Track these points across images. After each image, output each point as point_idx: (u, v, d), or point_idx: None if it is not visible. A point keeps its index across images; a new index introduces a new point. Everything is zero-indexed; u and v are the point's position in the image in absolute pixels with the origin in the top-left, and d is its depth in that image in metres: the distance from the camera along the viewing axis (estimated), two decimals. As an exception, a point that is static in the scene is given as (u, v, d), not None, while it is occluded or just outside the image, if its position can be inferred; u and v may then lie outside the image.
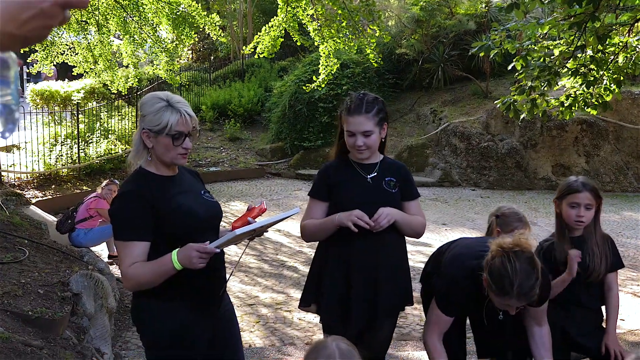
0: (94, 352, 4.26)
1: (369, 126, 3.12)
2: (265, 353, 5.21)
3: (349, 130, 3.14)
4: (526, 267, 2.66)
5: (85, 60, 11.76)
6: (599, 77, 6.07)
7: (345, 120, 3.18)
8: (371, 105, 3.15)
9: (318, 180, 3.31)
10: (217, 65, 22.86)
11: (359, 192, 3.17)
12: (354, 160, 3.25)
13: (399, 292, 3.28)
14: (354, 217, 3.01)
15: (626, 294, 7.13)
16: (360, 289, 3.17)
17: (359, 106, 3.12)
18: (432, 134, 15.14)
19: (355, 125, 3.11)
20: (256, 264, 8.20)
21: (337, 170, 3.26)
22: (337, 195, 3.20)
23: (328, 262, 3.26)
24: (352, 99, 3.20)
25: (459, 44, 16.07)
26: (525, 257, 2.68)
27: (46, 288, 4.54)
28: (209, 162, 15.39)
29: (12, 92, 1.10)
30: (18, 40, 1.07)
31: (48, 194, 11.14)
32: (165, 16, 11.19)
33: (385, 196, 3.18)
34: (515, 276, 2.64)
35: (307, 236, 3.30)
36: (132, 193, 2.57)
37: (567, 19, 5.43)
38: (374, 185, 3.20)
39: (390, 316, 3.31)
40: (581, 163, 14.15)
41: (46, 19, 1.07)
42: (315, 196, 3.28)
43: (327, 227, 3.15)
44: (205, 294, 2.68)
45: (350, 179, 3.21)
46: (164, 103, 2.56)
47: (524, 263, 2.66)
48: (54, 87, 16.46)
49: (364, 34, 9.72)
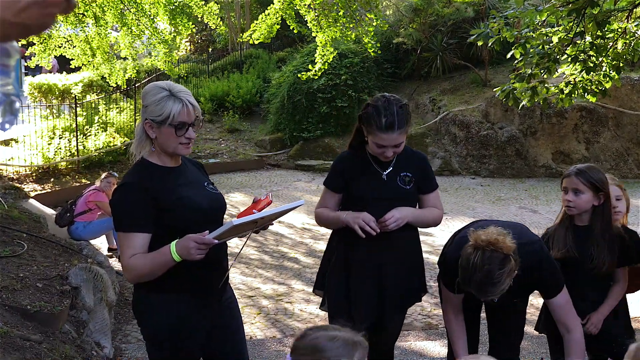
0: (94, 346, 4.26)
1: (401, 139, 3.03)
2: (267, 344, 5.21)
3: (380, 144, 3.02)
4: (490, 267, 2.65)
5: (83, 53, 11.72)
6: (598, 64, 6.04)
7: (374, 133, 3.01)
8: (403, 117, 3.00)
9: (333, 172, 3.29)
10: (215, 56, 22.78)
11: (373, 188, 3.15)
12: (370, 155, 3.18)
13: (409, 287, 3.27)
14: (361, 222, 3.00)
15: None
16: (366, 286, 3.16)
17: (392, 123, 2.97)
18: (431, 123, 15.10)
19: (388, 141, 3.00)
20: (257, 255, 8.19)
21: (353, 164, 3.22)
22: (352, 189, 3.20)
23: (335, 255, 3.26)
24: (381, 110, 2.99)
25: (457, 32, 16.00)
26: (494, 257, 2.66)
27: (45, 282, 4.53)
28: (208, 154, 15.36)
29: (13, 82, 1.07)
30: (17, 28, 1.05)
31: (47, 188, 11.11)
32: (162, 7, 11.14)
33: (399, 193, 3.15)
34: (474, 272, 2.67)
35: (319, 222, 3.35)
36: (133, 184, 2.53)
37: (566, 5, 5.39)
38: (389, 181, 3.16)
39: (399, 312, 3.30)
40: (581, 150, 14.12)
41: (46, 7, 1.04)
42: (330, 187, 3.30)
43: (336, 222, 3.20)
44: (206, 286, 2.66)
45: (365, 174, 3.17)
46: (166, 92, 2.52)
47: (488, 262, 2.65)
48: (52, 81, 16.41)
49: (361, 23, 9.69)
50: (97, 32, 11.30)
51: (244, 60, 20.84)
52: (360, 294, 3.18)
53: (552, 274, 2.98)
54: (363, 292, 3.17)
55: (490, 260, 2.66)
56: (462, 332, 3.14)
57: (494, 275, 2.65)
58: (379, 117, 2.97)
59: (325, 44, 9.94)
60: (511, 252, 2.70)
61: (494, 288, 2.68)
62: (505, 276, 2.67)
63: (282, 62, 19.56)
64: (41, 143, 12.16)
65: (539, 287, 3.04)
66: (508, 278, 2.70)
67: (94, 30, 11.32)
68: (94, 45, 11.51)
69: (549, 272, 2.97)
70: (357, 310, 3.17)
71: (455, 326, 3.14)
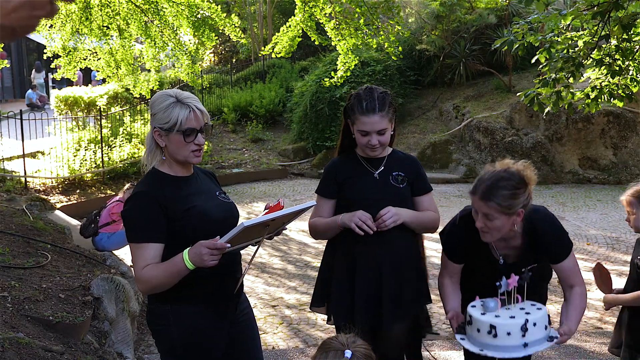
0: (116, 357, 4.25)
1: (383, 124, 3.05)
2: (289, 355, 5.17)
3: (363, 130, 3.06)
4: (503, 175, 2.70)
5: (107, 65, 11.85)
6: (625, 67, 5.93)
7: (357, 119, 3.08)
8: (384, 101, 3.06)
9: (325, 178, 3.25)
10: (239, 67, 22.91)
11: (366, 189, 3.12)
12: (361, 156, 3.19)
13: (409, 293, 3.17)
14: (357, 220, 2.96)
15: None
16: (365, 292, 3.10)
17: (373, 104, 3.03)
18: (455, 130, 14.97)
19: (370, 125, 3.03)
20: (281, 264, 8.16)
21: (344, 167, 3.21)
22: (345, 192, 3.15)
23: (334, 265, 3.20)
24: (362, 96, 3.09)
25: (480, 38, 15.89)
26: (510, 172, 2.72)
27: (67, 292, 4.55)
28: (232, 164, 15.41)
29: None
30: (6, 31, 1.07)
31: (73, 199, 11.23)
32: (185, 19, 11.21)
33: (393, 192, 3.12)
34: (486, 176, 2.73)
35: (314, 234, 3.26)
36: (144, 194, 2.52)
37: (590, 8, 5.30)
38: (381, 180, 3.14)
39: (400, 318, 3.18)
40: (609, 155, 13.88)
41: (33, 9, 1.07)
42: (322, 194, 3.24)
43: (332, 227, 3.12)
44: (220, 296, 2.62)
45: (357, 176, 3.15)
46: (173, 99, 2.51)
47: (502, 173, 2.71)
48: (77, 93, 16.63)
49: (383, 30, 9.65)
50: (122, 44, 11.42)
51: (266, 70, 20.93)
52: (361, 297, 3.11)
53: (558, 238, 2.90)
54: (363, 294, 3.11)
55: (505, 172, 2.72)
56: (456, 293, 3.02)
57: (501, 180, 2.68)
58: (360, 102, 3.06)
59: (347, 52, 9.92)
60: (530, 182, 2.72)
61: (495, 191, 2.66)
62: (510, 192, 2.66)
63: (304, 71, 19.59)
64: (67, 155, 12.31)
65: (547, 252, 2.91)
66: (512, 199, 2.66)
67: (118, 42, 11.44)
68: (118, 57, 11.63)
69: (556, 236, 2.89)
70: (358, 313, 3.11)
71: (449, 287, 3.03)
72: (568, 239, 2.94)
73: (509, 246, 2.88)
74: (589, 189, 12.96)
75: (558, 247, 2.90)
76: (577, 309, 2.87)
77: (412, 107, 16.20)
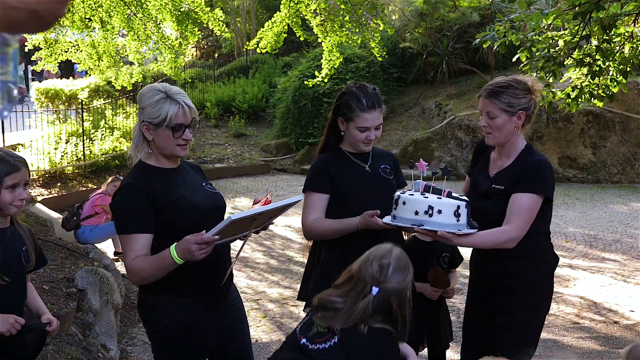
0: (100, 348, 4.26)
1: (381, 119, 3.14)
2: (272, 348, 5.20)
3: (363, 126, 3.07)
4: (509, 81, 2.99)
5: (89, 57, 11.75)
6: (605, 68, 6.02)
7: (356, 116, 3.07)
8: (379, 97, 3.15)
9: (316, 174, 3.19)
10: (221, 62, 22.82)
11: (361, 182, 3.15)
12: (348, 152, 3.21)
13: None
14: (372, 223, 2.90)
15: (635, 285, 7.09)
16: None
17: (372, 101, 3.08)
18: (437, 128, 15.09)
19: (371, 121, 3.08)
20: (263, 259, 8.19)
21: (334, 162, 3.18)
22: (340, 187, 3.15)
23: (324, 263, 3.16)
24: (358, 93, 3.09)
25: (463, 36, 15.98)
26: (516, 79, 3.01)
27: (51, 284, 4.55)
28: (214, 159, 15.38)
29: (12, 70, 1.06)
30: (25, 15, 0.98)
31: (54, 192, 11.17)
32: (168, 12, 11.15)
33: (386, 184, 3.18)
34: (494, 81, 3.05)
35: (316, 235, 3.17)
36: (132, 186, 2.56)
37: (572, 8, 5.38)
38: (373, 173, 3.19)
39: None
40: (588, 155, 14.07)
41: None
42: (316, 189, 3.15)
43: (344, 230, 3.02)
44: (211, 289, 2.66)
45: (350, 170, 3.18)
46: (163, 94, 2.54)
47: (509, 79, 3.01)
48: (58, 86, 16.48)
49: (367, 28, 9.66)
50: (104, 36, 11.33)
51: (250, 65, 20.88)
52: None
53: (538, 172, 2.98)
54: None
55: (512, 79, 3.01)
56: None
57: (506, 83, 2.98)
58: (359, 99, 3.08)
59: (331, 50, 9.90)
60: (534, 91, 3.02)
61: (498, 89, 2.97)
62: (511, 91, 2.95)
63: (288, 67, 19.59)
64: (48, 148, 12.23)
65: (521, 176, 2.96)
66: (513, 98, 2.95)
67: (100, 34, 11.35)
68: (100, 49, 11.54)
69: (539, 171, 3.00)
70: None
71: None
72: (545, 183, 2.96)
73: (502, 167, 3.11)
74: (568, 187, 13.13)
75: (530, 178, 2.94)
76: (488, 234, 2.86)
77: (395, 105, 16.28)
